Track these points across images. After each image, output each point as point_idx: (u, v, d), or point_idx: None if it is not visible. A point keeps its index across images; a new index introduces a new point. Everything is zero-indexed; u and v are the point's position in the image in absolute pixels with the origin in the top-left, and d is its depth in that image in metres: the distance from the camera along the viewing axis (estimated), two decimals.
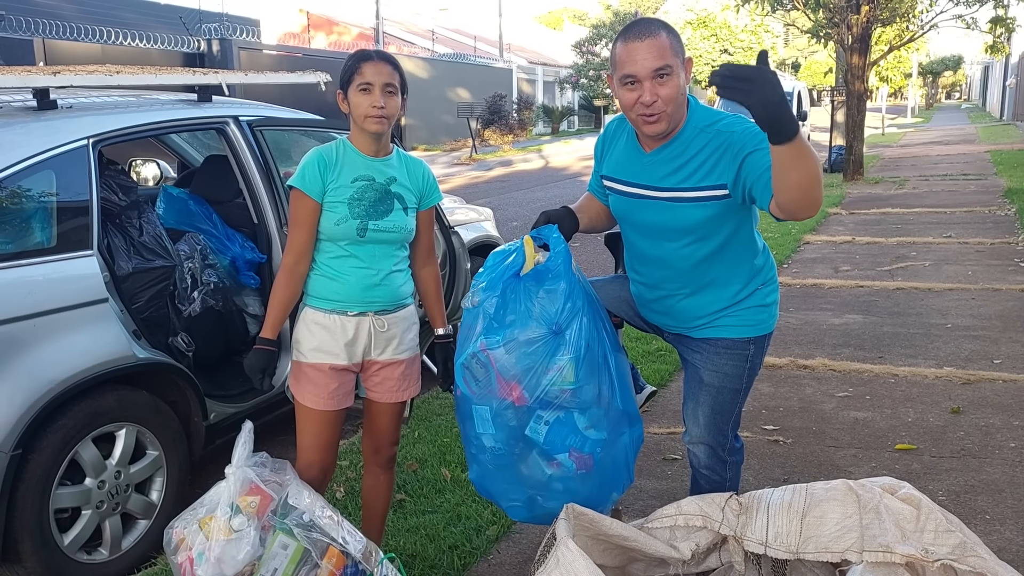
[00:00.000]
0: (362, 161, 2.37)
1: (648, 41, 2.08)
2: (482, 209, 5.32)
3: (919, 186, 12.76)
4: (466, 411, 2.31)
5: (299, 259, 2.35)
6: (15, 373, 2.55)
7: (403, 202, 2.39)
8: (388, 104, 2.29)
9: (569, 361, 2.18)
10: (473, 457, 2.37)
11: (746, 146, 2.08)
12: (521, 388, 2.19)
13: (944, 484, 3.20)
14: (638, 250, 2.38)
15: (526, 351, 2.18)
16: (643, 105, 2.10)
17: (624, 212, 2.36)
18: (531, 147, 25.82)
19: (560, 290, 2.19)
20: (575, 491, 2.29)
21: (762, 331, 2.37)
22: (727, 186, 2.13)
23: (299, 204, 2.33)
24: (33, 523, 2.61)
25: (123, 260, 3.13)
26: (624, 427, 2.32)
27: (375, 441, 2.55)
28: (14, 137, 2.75)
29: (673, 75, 2.09)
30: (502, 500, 2.41)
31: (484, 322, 2.24)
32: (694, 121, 2.20)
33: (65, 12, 17.46)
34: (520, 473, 2.31)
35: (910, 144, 22.43)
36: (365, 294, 2.36)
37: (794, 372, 4.56)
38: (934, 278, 6.63)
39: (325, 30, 33.20)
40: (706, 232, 2.22)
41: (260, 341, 2.35)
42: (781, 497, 2.20)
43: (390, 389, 2.47)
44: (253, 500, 1.99)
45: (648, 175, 2.24)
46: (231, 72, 3.69)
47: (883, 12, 13.41)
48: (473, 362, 2.25)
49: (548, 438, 2.24)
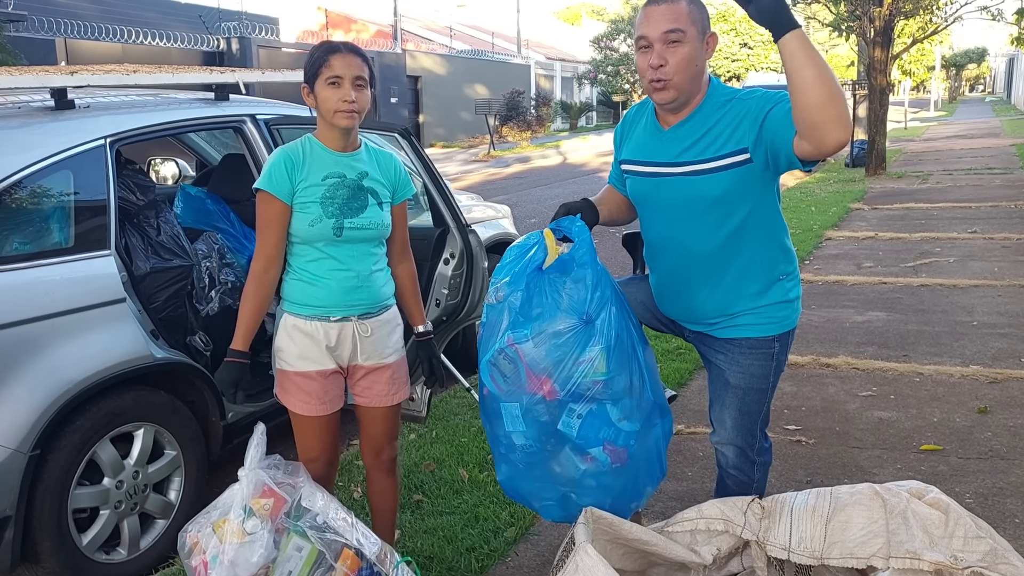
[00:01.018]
0: (331, 157, 2.29)
1: (665, 5, 2.08)
2: (499, 206, 5.29)
3: (943, 180, 12.58)
4: (494, 410, 2.26)
5: (269, 265, 2.27)
6: (33, 373, 2.55)
7: (377, 197, 2.32)
8: (358, 98, 2.22)
9: (600, 351, 2.13)
10: (503, 457, 2.32)
11: (767, 104, 2.06)
12: (552, 381, 2.14)
13: (971, 486, 3.13)
14: (656, 236, 2.32)
15: (556, 343, 2.13)
16: (651, 69, 2.08)
17: (642, 194, 2.31)
18: (549, 143, 25.75)
19: (588, 278, 2.15)
20: (609, 486, 2.24)
21: (786, 327, 2.31)
22: (748, 149, 2.08)
23: (267, 207, 2.24)
24: (52, 523, 2.61)
25: (141, 260, 3.13)
26: (656, 418, 2.28)
27: (373, 446, 2.49)
28: (32, 137, 2.75)
29: (685, 42, 2.07)
30: (534, 500, 2.36)
31: (510, 316, 2.19)
32: (714, 98, 2.17)
33: (86, 12, 17.60)
34: (552, 471, 2.26)
35: (933, 138, 22.15)
36: (347, 297, 2.29)
37: (817, 371, 4.49)
38: (959, 274, 6.53)
39: (343, 28, 33.26)
40: (726, 208, 2.16)
41: (231, 353, 2.26)
42: (805, 501, 2.15)
43: (379, 394, 2.41)
44: (267, 502, 1.97)
45: (666, 152, 2.21)
46: (248, 70, 3.68)
47: (906, 4, 13.23)
48: (500, 358, 2.19)
49: (581, 432, 2.19)
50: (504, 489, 2.38)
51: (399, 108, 25.60)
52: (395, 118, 25.24)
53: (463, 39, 35.69)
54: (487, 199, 5.51)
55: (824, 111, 1.87)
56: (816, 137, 1.91)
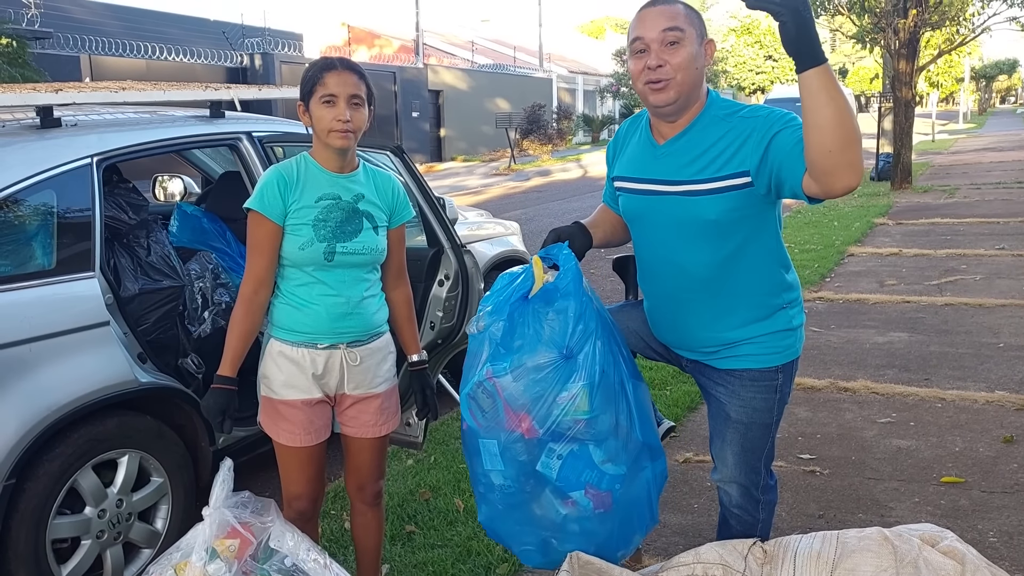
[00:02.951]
0: (326, 178, 2.20)
1: (660, 7, 1.99)
2: (508, 223, 5.19)
3: (970, 195, 12.31)
4: (473, 446, 2.15)
5: (258, 287, 2.18)
6: (9, 400, 2.47)
7: (372, 221, 2.22)
8: (354, 117, 2.13)
9: (582, 388, 2.01)
10: (482, 497, 2.21)
11: (773, 126, 1.91)
12: (531, 419, 2.03)
13: (995, 523, 2.96)
14: (650, 257, 2.19)
15: (535, 378, 2.02)
16: (649, 70, 1.96)
17: (635, 212, 2.18)
18: (570, 156, 25.66)
19: (570, 309, 2.03)
20: (593, 532, 2.12)
21: (790, 357, 2.17)
22: (749, 172, 1.95)
23: (258, 228, 2.16)
24: (28, 555, 2.53)
25: (129, 281, 3.06)
26: (645, 461, 2.15)
27: (358, 479, 2.39)
28: (14, 156, 2.69)
29: (684, 43, 1.96)
30: (514, 544, 2.23)
31: (490, 348, 2.09)
32: (713, 110, 2.04)
33: (111, 29, 17.83)
34: (532, 513, 2.14)
35: (961, 151, 21.78)
36: (335, 324, 2.20)
37: (834, 395, 4.32)
38: (985, 293, 6.31)
39: (367, 43, 33.51)
40: (723, 230, 2.02)
41: (217, 380, 2.17)
42: (810, 545, 2.01)
43: (366, 424, 2.30)
44: (232, 543, 1.87)
45: (662, 168, 2.07)
46: (244, 87, 3.61)
47: (932, 16, 13.01)
48: (479, 391, 2.09)
49: (561, 474, 2.07)
50: (486, 530, 2.26)
51: (420, 122, 25.66)
52: (416, 132, 25.31)
53: (485, 53, 35.78)
54: (506, 212, 5.42)
55: (837, 157, 1.72)
56: (825, 182, 1.78)
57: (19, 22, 14.70)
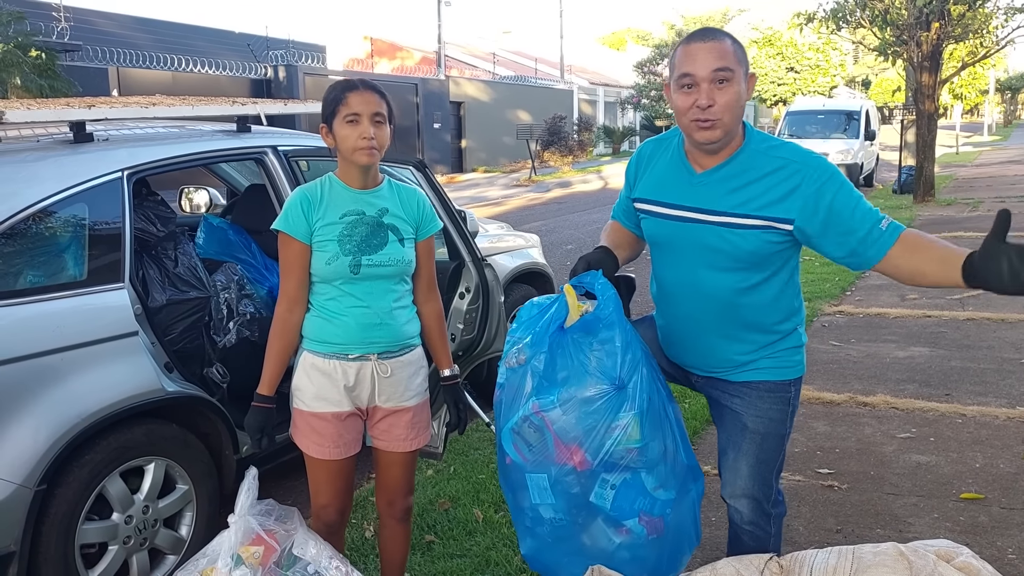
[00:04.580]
0: (350, 195, 2.25)
1: (711, 44, 1.98)
2: (529, 235, 5.23)
3: (994, 208, 12.16)
4: (518, 480, 2.14)
5: (292, 306, 2.25)
6: (41, 408, 2.54)
7: (398, 233, 2.27)
8: (378, 135, 2.18)
9: (634, 417, 2.01)
10: (528, 531, 2.20)
11: (825, 187, 1.98)
12: (583, 451, 2.03)
13: (1015, 540, 2.94)
14: (673, 281, 2.20)
15: (587, 410, 2.01)
16: (698, 109, 1.96)
17: (663, 238, 2.18)
18: (590, 168, 25.69)
19: (616, 339, 2.03)
20: (644, 559, 2.13)
21: (799, 372, 2.22)
22: (794, 222, 2.00)
23: (286, 248, 2.23)
24: (58, 559, 2.59)
25: (157, 292, 3.12)
26: (690, 483, 2.17)
27: (388, 493, 2.42)
28: (48, 170, 2.76)
29: (734, 82, 1.97)
30: (562, 573, 2.22)
31: (534, 381, 2.08)
32: (753, 144, 2.07)
33: (139, 41, 18.12)
34: (582, 544, 2.14)
35: (986, 163, 21.59)
36: (365, 334, 2.24)
37: (853, 409, 4.32)
38: (1008, 308, 6.27)
39: (388, 55, 33.79)
40: (755, 263, 2.07)
41: (257, 398, 2.23)
42: (825, 560, 2.02)
43: (397, 438, 2.34)
44: (256, 550, 1.91)
45: (699, 197, 2.09)
46: (270, 102, 3.68)
47: (955, 29, 12.93)
48: (525, 426, 2.08)
49: (616, 503, 2.07)
50: (528, 562, 2.26)
51: (442, 133, 25.82)
52: (438, 143, 25.47)
53: (506, 65, 35.95)
54: (526, 224, 5.47)
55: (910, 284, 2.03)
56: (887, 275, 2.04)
57: (49, 35, 15.00)
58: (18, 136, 3.08)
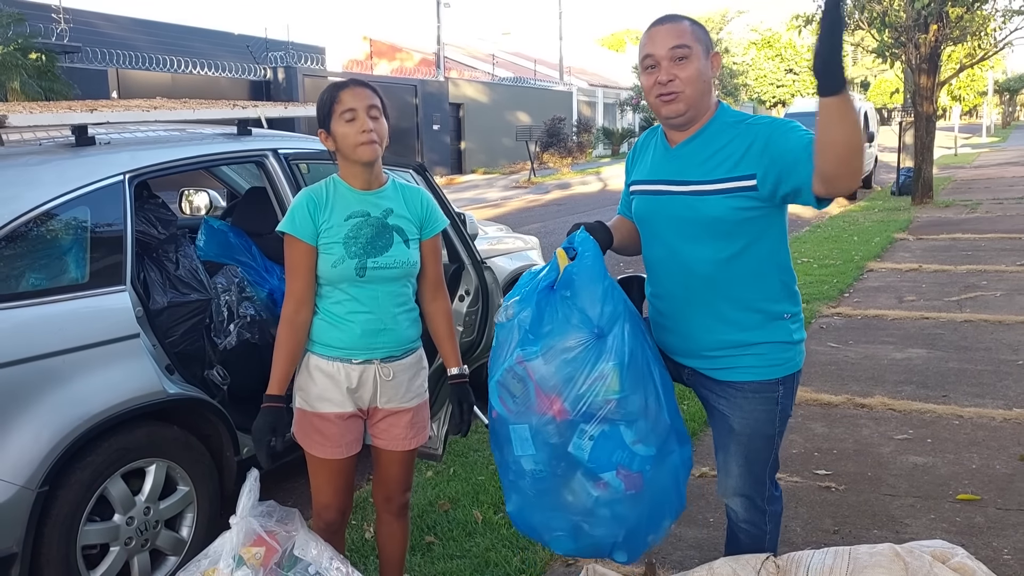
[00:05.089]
0: (354, 196, 2.27)
1: (668, 25, 2.12)
2: (528, 237, 5.26)
3: (992, 210, 12.23)
4: (503, 434, 2.19)
5: (299, 307, 2.25)
6: (43, 410, 2.56)
7: (403, 234, 2.28)
8: (376, 128, 2.19)
9: (613, 368, 2.04)
10: (512, 485, 2.24)
11: (776, 131, 2.05)
12: (562, 400, 2.06)
13: (1010, 541, 2.96)
14: (657, 257, 2.27)
15: (566, 359, 2.05)
16: (659, 84, 2.09)
17: (645, 213, 2.27)
18: (590, 169, 25.73)
19: (595, 290, 2.08)
20: (624, 516, 2.15)
21: (789, 370, 2.21)
22: (755, 176, 2.05)
23: (292, 250, 2.23)
24: (59, 560, 2.60)
25: (158, 294, 3.14)
26: (673, 444, 2.17)
27: (385, 490, 2.45)
28: (50, 173, 2.78)
29: (692, 58, 2.08)
30: (544, 532, 2.26)
31: (519, 334, 2.13)
32: (723, 118, 2.16)
33: (138, 43, 18.14)
34: (564, 499, 2.17)
35: (984, 165, 21.62)
36: (369, 340, 2.26)
37: (850, 411, 4.34)
38: (1006, 309, 6.29)
39: (388, 56, 33.81)
40: (728, 230, 2.11)
41: (267, 399, 2.22)
42: (822, 561, 2.05)
43: (396, 437, 2.36)
44: (258, 551, 1.93)
45: (671, 169, 2.19)
46: (270, 105, 3.70)
47: (953, 31, 12.97)
48: (509, 376, 2.12)
49: (593, 455, 2.09)
50: (514, 522, 2.29)
51: (441, 135, 25.84)
52: (437, 145, 25.49)
53: (506, 66, 35.98)
54: (525, 226, 5.50)
55: (846, 164, 1.87)
56: (834, 184, 1.93)
57: (49, 36, 15.01)
58: (20, 140, 3.10)
